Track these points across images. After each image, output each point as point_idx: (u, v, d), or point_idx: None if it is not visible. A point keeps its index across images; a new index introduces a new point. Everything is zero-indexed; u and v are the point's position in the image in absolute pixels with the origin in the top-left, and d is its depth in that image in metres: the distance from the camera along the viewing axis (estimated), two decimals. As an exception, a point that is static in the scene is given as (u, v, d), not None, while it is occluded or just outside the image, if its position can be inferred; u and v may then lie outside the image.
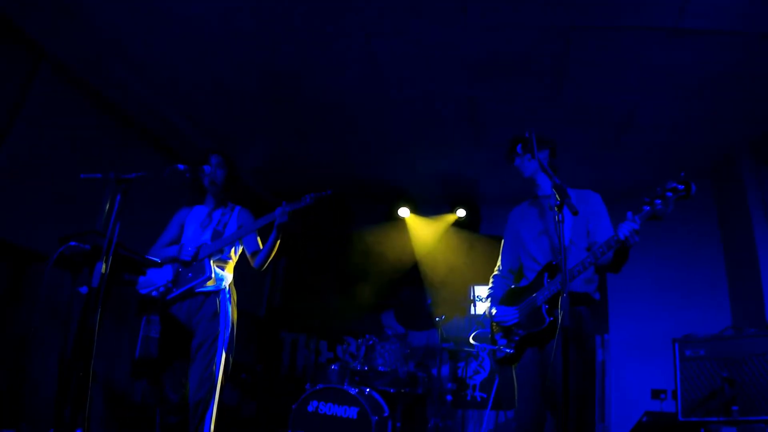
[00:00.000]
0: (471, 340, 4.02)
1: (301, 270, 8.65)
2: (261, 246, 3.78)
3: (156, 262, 3.15)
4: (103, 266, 2.62)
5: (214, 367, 3.39)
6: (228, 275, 3.69)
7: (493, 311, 3.37)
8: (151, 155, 6.22)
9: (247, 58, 5.01)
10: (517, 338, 3.18)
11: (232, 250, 3.76)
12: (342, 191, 7.93)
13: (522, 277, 3.44)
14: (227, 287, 3.66)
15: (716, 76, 4.79)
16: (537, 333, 3.07)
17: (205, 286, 3.56)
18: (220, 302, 3.57)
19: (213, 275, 3.55)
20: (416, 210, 7.99)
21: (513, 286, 3.44)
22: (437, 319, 6.11)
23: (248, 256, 3.80)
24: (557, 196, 2.74)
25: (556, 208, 2.70)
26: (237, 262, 3.85)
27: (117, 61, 5.11)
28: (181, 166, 3.31)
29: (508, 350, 3.19)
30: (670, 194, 2.73)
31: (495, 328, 3.38)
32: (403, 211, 7.94)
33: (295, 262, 8.74)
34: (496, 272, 3.62)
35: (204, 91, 5.59)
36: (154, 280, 3.60)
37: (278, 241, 3.69)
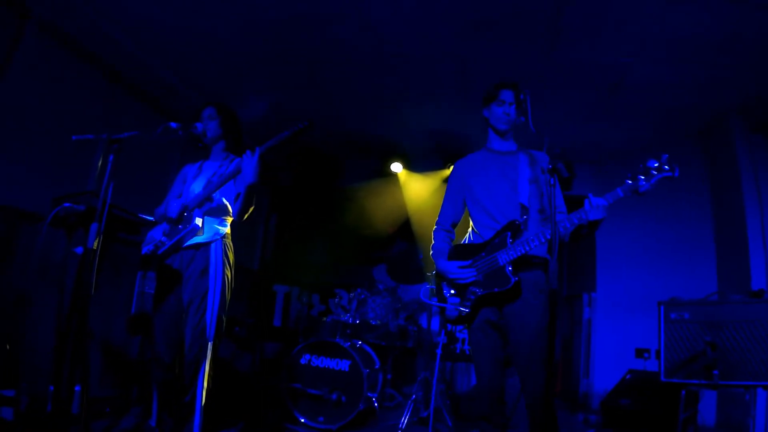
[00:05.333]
0: (421, 298, 3.90)
1: (292, 225, 8.69)
2: None
3: (148, 220, 3.16)
4: (98, 226, 2.62)
5: (204, 325, 3.35)
6: (221, 228, 3.56)
7: (445, 266, 3.26)
8: (143, 112, 6.19)
9: (235, 10, 4.91)
10: (473, 297, 3.11)
11: (224, 199, 3.60)
12: (333, 147, 8.02)
13: (472, 233, 3.36)
14: (221, 240, 3.53)
15: (711, 40, 4.76)
16: (499, 293, 3.03)
17: (194, 239, 3.46)
18: (210, 257, 3.47)
19: (201, 227, 3.45)
20: (409, 166, 8.01)
21: (465, 242, 3.35)
22: (429, 274, 6.16)
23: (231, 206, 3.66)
24: (550, 160, 2.76)
25: (548, 172, 2.72)
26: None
27: (102, 16, 5.01)
28: (173, 124, 3.24)
29: (463, 309, 3.13)
30: (654, 173, 2.74)
31: (442, 284, 3.29)
32: (396, 167, 7.95)
33: (287, 216, 8.77)
34: (436, 225, 3.53)
35: (193, 45, 5.49)
36: (154, 237, 3.54)
37: (253, 187, 3.40)
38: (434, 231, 3.53)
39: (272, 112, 6.82)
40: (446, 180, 7.74)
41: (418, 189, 7.98)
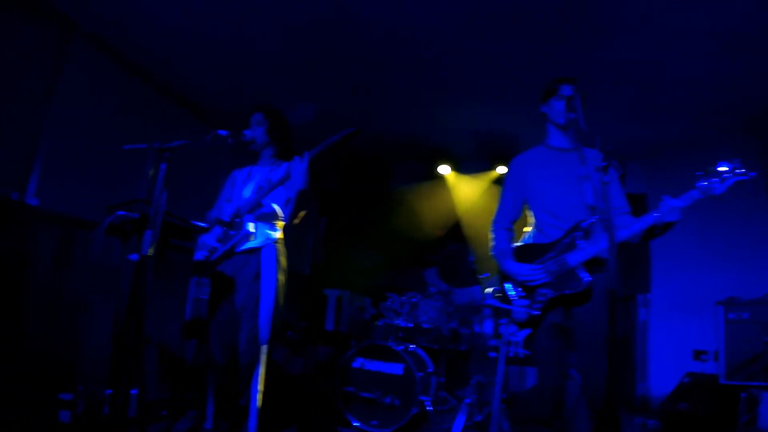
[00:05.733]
0: (487, 300, 3.78)
1: (342, 228, 8.70)
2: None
3: (201, 227, 3.20)
4: (152, 233, 2.66)
5: (258, 330, 3.38)
6: (273, 233, 3.59)
7: (513, 268, 3.20)
8: (190, 121, 6.33)
9: (273, 16, 4.95)
10: (543, 299, 3.06)
11: (274, 205, 3.62)
12: (380, 150, 8.01)
13: (536, 233, 3.28)
14: (273, 245, 3.57)
15: (754, 30, 4.59)
16: (571, 296, 2.97)
17: (246, 245, 3.51)
18: (261, 262, 3.50)
19: (253, 232, 3.49)
20: (457, 168, 7.96)
21: (531, 242, 3.28)
22: (480, 276, 6.10)
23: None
24: (604, 157, 2.69)
25: (602, 170, 2.66)
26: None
27: (147, 28, 5.14)
28: (222, 132, 3.27)
29: (533, 312, 3.07)
30: (728, 176, 2.69)
31: (508, 286, 3.24)
32: (444, 169, 7.91)
33: (336, 221, 8.78)
34: (495, 224, 3.46)
35: (236, 55, 5.59)
36: (207, 243, 3.58)
37: (303, 193, 3.40)
38: (494, 230, 3.45)
39: (319, 116, 6.86)
40: (496, 181, 7.69)
41: (467, 191, 7.92)
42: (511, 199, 3.44)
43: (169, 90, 5.97)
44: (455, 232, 7.85)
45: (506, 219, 3.43)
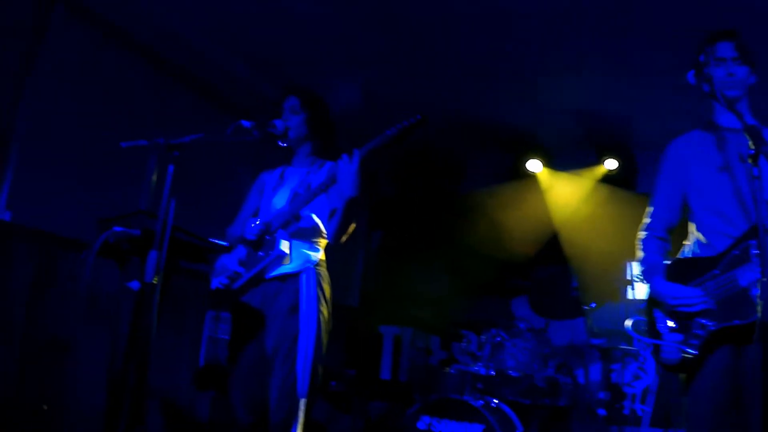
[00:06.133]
0: (630, 327, 3.63)
1: (400, 246, 8.70)
2: None
3: (220, 246, 3.21)
4: (158, 255, 2.68)
5: (295, 379, 3.33)
6: (313, 253, 3.56)
7: (663, 289, 3.08)
8: (204, 109, 6.40)
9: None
10: (702, 333, 2.89)
11: (315, 217, 3.58)
12: (449, 143, 7.97)
13: (698, 243, 3.16)
14: (313, 268, 3.53)
15: None
16: (743, 328, 2.76)
17: (280, 269, 3.48)
18: (300, 290, 3.45)
19: (288, 253, 3.45)
20: (550, 163, 7.90)
21: (691, 256, 3.16)
22: (585, 307, 6.02)
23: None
24: (750, 142, 2.60)
25: (749, 159, 2.57)
26: None
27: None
28: (246, 123, 3.29)
29: (688, 350, 2.91)
30: None
31: (656, 313, 3.13)
32: (534, 165, 7.86)
33: (394, 235, 8.80)
34: (645, 231, 3.36)
35: (263, 22, 5.64)
36: (228, 267, 3.58)
37: (353, 202, 3.34)
38: (643, 240, 3.37)
39: (367, 101, 6.87)
40: (605, 179, 7.58)
41: (565, 193, 7.85)
42: (666, 198, 3.35)
43: (177, 70, 6.05)
44: (551, 248, 7.78)
45: (659, 224, 3.35)
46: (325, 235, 3.62)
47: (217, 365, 5.12)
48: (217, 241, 3.22)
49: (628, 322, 3.30)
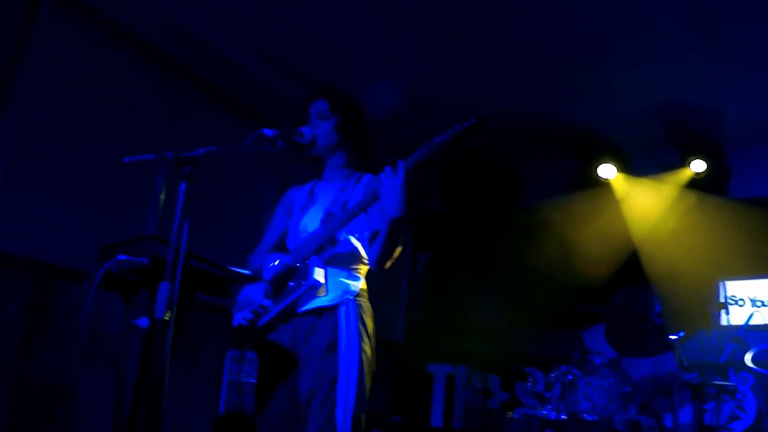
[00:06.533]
0: (749, 363, 3.53)
1: (451, 271, 8.69)
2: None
3: (245, 275, 3.19)
4: (170, 287, 2.67)
5: (335, 427, 3.27)
6: (352, 282, 3.53)
7: None
8: (220, 116, 6.43)
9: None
10: None
11: (354, 240, 3.57)
12: (505, 148, 7.95)
13: None
14: (353, 300, 3.49)
15: None
16: None
17: (314, 301, 3.44)
18: (339, 325, 3.42)
19: (323, 283, 3.43)
20: (626, 167, 7.87)
21: None
22: (672, 336, 5.94)
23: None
24: None
25: None
26: None
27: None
28: (268, 132, 3.29)
29: None
30: None
31: None
32: (606, 170, 7.84)
33: (443, 258, 8.79)
34: None
35: (290, 14, 5.68)
36: (252, 300, 3.57)
37: (400, 223, 3.27)
38: None
39: (410, 102, 6.88)
40: (691, 184, 7.52)
41: (645, 202, 7.82)
42: None
43: (186, 71, 6.10)
44: (630, 268, 7.74)
45: None
46: (366, 261, 3.58)
47: (241, 413, 5.12)
48: (238, 269, 3.20)
49: (748, 357, 3.23)
